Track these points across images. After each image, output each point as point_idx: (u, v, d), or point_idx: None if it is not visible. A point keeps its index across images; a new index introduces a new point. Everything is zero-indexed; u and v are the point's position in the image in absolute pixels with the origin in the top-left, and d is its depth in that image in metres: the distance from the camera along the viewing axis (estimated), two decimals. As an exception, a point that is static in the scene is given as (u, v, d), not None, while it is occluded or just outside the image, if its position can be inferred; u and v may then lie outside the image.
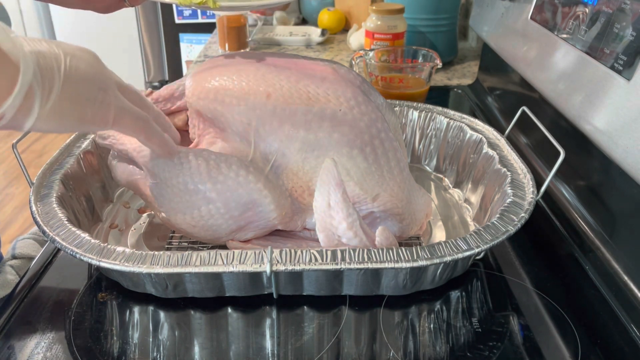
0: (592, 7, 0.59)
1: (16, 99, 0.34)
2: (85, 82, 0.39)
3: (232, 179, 0.50)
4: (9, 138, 2.76)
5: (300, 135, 0.52)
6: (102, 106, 0.40)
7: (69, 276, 0.55)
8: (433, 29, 1.16)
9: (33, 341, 0.46)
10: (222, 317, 0.50)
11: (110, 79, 0.42)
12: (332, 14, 1.44)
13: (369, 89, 0.56)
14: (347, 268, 0.45)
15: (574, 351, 0.45)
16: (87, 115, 0.40)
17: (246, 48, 1.28)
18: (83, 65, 0.39)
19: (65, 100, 0.37)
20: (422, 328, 0.48)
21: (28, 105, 0.35)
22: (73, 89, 0.38)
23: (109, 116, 0.41)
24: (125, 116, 0.43)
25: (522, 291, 0.52)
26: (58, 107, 0.37)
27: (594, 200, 0.59)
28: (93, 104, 0.40)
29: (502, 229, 0.49)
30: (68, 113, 0.38)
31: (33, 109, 0.35)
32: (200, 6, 0.55)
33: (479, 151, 0.65)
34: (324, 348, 0.46)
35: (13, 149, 0.55)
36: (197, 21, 2.23)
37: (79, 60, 0.39)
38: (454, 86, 1.08)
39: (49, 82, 0.36)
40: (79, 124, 0.40)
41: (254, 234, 0.54)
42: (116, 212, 0.64)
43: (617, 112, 0.51)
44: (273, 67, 0.54)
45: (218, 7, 0.55)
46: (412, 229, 0.57)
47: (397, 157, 0.55)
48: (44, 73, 0.36)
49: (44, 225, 0.49)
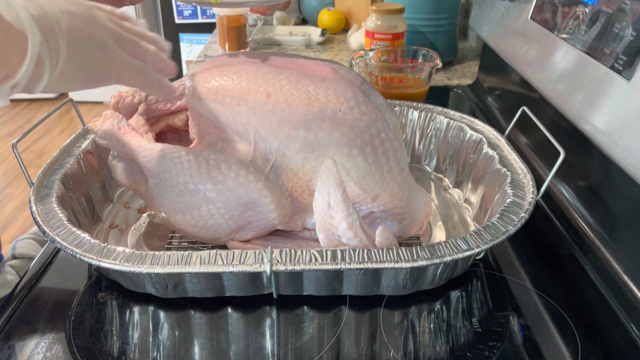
0: (592, 7, 0.59)
1: (27, 69, 0.34)
2: (87, 41, 0.39)
3: (232, 179, 0.50)
4: (9, 138, 2.76)
5: (300, 135, 0.52)
6: (105, 64, 0.41)
7: (69, 276, 0.55)
8: (433, 29, 1.16)
9: (33, 341, 0.46)
10: (222, 317, 0.50)
11: (107, 33, 0.41)
12: (332, 14, 1.44)
13: (369, 89, 0.56)
14: (347, 268, 0.45)
15: (574, 351, 0.45)
16: (92, 75, 0.40)
17: (246, 48, 1.28)
18: (81, 23, 0.39)
19: (71, 63, 0.38)
20: (422, 328, 0.48)
21: (38, 72, 0.35)
22: (76, 50, 0.38)
23: (112, 73, 0.42)
24: (126, 71, 0.43)
25: (522, 291, 0.52)
26: (65, 70, 0.37)
27: (594, 200, 0.59)
28: (97, 63, 0.40)
29: (502, 229, 0.49)
30: (75, 74, 0.39)
31: (43, 75, 0.36)
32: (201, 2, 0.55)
33: (479, 151, 0.65)
34: (324, 348, 0.46)
35: (13, 149, 0.55)
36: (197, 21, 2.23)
37: (77, 17, 0.39)
38: (454, 86, 1.08)
39: (54, 47, 0.36)
40: (85, 83, 0.40)
41: (254, 234, 0.54)
42: (116, 212, 0.64)
43: (617, 112, 0.51)
44: (273, 67, 0.54)
45: (219, 2, 0.55)
46: (412, 229, 0.57)
47: (397, 157, 0.55)
48: (49, 39, 0.35)
49: (44, 225, 0.49)
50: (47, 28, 0.36)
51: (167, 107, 0.61)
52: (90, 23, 0.40)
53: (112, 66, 0.41)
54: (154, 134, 0.57)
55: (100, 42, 0.40)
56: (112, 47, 0.41)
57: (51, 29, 0.36)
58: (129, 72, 0.43)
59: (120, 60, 0.42)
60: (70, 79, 0.39)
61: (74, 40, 0.38)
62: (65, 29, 0.37)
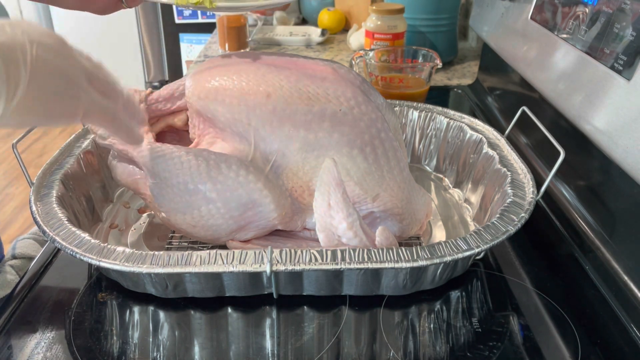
0: (592, 7, 0.59)
1: None
2: (53, 76, 0.37)
3: (232, 179, 0.50)
4: (9, 138, 2.76)
5: (300, 135, 0.52)
6: (71, 101, 0.38)
7: (69, 276, 0.55)
8: (433, 29, 1.15)
9: (33, 341, 0.46)
10: (222, 317, 0.50)
11: (79, 69, 0.39)
12: (332, 14, 1.44)
13: (369, 89, 0.56)
14: (347, 268, 0.45)
15: (574, 351, 0.45)
16: (54, 111, 0.38)
17: (246, 48, 1.28)
18: (51, 55, 0.37)
19: (32, 96, 0.35)
20: (422, 328, 0.48)
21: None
22: (40, 83, 0.35)
23: (78, 111, 0.39)
24: (94, 110, 0.41)
25: (522, 291, 0.52)
26: (24, 103, 0.35)
27: (594, 200, 0.59)
28: (61, 99, 0.38)
29: (502, 229, 0.49)
30: (34, 109, 0.36)
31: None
32: (197, 6, 0.55)
33: (479, 151, 0.65)
34: (324, 348, 0.46)
35: (13, 149, 0.55)
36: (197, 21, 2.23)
37: (46, 49, 0.36)
38: (454, 86, 1.08)
39: (14, 78, 0.34)
40: (45, 119, 0.38)
41: (254, 234, 0.54)
42: (116, 212, 0.64)
43: (617, 112, 0.51)
44: (273, 67, 0.54)
45: (215, 7, 0.55)
46: (412, 229, 0.57)
47: (397, 157, 0.55)
48: (9, 68, 0.33)
49: (44, 225, 0.49)
50: (9, 57, 0.33)
51: (167, 107, 0.61)
52: (61, 57, 0.38)
53: (78, 103, 0.39)
54: (154, 134, 0.57)
55: (69, 78, 0.38)
56: (81, 83, 0.39)
57: (14, 58, 0.34)
58: (97, 111, 0.41)
59: (89, 97, 0.40)
60: (29, 111, 0.36)
61: (40, 73, 0.35)
62: (32, 59, 0.35)
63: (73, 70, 0.39)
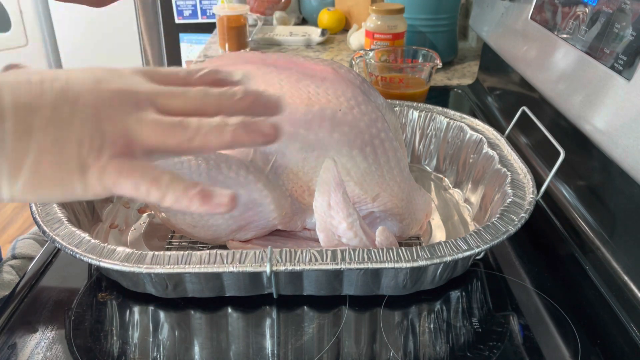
0: (592, 7, 0.59)
1: None
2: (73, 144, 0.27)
3: (232, 179, 0.50)
4: (9, 138, 2.75)
5: (301, 135, 0.52)
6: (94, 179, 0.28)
7: (69, 276, 0.55)
8: (433, 29, 1.15)
9: (33, 341, 0.46)
10: (222, 317, 0.50)
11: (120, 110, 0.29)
12: (332, 14, 1.44)
13: (369, 89, 0.56)
14: (347, 268, 0.45)
15: (574, 351, 0.45)
16: (74, 188, 0.28)
17: (246, 48, 1.28)
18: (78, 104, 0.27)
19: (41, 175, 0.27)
20: (422, 328, 0.48)
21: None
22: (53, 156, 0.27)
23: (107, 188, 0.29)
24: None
25: (522, 291, 0.52)
26: (31, 182, 0.27)
27: (594, 200, 0.59)
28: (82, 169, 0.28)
29: (502, 229, 0.49)
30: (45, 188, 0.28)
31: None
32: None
33: (479, 151, 0.65)
34: (324, 348, 0.46)
35: (13, 149, 0.55)
36: (197, 21, 2.23)
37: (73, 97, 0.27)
38: (454, 86, 1.08)
39: (20, 151, 0.26)
40: (61, 196, 0.28)
41: (254, 234, 0.54)
42: (116, 212, 0.64)
43: (617, 112, 0.51)
44: (273, 67, 0.54)
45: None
46: (412, 229, 0.57)
47: (397, 157, 0.55)
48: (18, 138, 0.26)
49: (44, 225, 0.49)
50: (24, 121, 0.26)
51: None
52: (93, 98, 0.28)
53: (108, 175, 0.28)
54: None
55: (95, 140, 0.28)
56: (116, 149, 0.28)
57: (27, 122, 0.26)
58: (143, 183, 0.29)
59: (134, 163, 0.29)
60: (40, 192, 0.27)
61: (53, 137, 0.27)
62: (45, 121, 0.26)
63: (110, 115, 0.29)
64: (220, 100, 0.32)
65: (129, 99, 0.29)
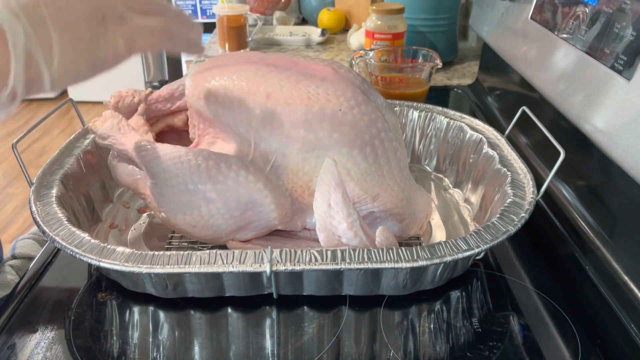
0: (592, 7, 0.59)
1: (17, 71, 0.30)
2: (84, 18, 0.33)
3: (232, 179, 0.50)
4: (9, 138, 2.76)
5: (301, 135, 0.52)
6: (110, 41, 0.35)
7: (69, 276, 0.55)
8: (433, 29, 1.15)
9: (33, 341, 0.46)
10: (222, 317, 0.50)
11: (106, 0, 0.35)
12: (332, 14, 1.44)
13: (369, 89, 0.56)
14: (347, 268, 0.45)
15: (574, 351, 0.45)
16: (98, 56, 0.35)
17: (246, 48, 1.28)
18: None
19: (70, 50, 0.32)
20: (422, 328, 0.48)
21: (34, 71, 0.31)
22: (73, 33, 0.33)
23: (121, 49, 0.36)
24: (142, 36, 0.37)
25: (522, 291, 0.52)
26: (63, 60, 0.32)
27: (594, 200, 0.59)
28: (98, 43, 0.34)
29: (502, 229, 0.49)
30: (77, 62, 0.34)
31: (41, 74, 0.31)
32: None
33: (479, 151, 0.65)
34: (324, 348, 0.46)
35: (13, 149, 0.55)
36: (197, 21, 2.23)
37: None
38: (454, 86, 1.08)
39: (44, 37, 0.31)
40: (93, 69, 0.35)
41: (254, 234, 0.54)
42: (116, 212, 0.64)
43: (617, 112, 0.51)
44: (273, 67, 0.54)
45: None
46: (412, 229, 0.57)
47: (397, 157, 0.55)
48: (36, 28, 0.31)
49: (44, 225, 0.49)
50: (34, 16, 0.31)
51: (167, 107, 0.61)
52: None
53: (118, 41, 0.35)
54: (153, 134, 0.57)
55: (98, 15, 0.34)
56: (114, 13, 0.35)
57: (39, 16, 0.31)
58: (145, 36, 0.37)
59: (131, 26, 0.36)
60: (74, 68, 0.33)
61: (68, 21, 0.32)
62: (57, 9, 0.32)
63: (100, 4, 0.35)
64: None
65: None
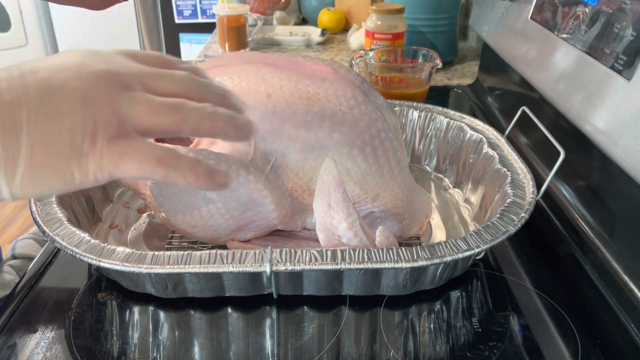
0: (592, 7, 0.59)
1: None
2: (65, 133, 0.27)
3: (232, 179, 0.50)
4: (9, 138, 2.75)
5: (301, 135, 0.52)
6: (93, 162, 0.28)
7: (69, 276, 0.55)
8: (433, 29, 1.15)
9: (33, 341, 0.46)
10: (222, 317, 0.50)
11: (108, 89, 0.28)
12: (332, 14, 1.44)
13: (369, 89, 0.56)
14: (347, 268, 0.45)
15: (574, 351, 0.45)
16: (74, 178, 0.28)
17: (246, 48, 1.28)
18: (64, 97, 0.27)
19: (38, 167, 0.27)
20: (422, 328, 0.48)
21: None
22: (47, 148, 0.27)
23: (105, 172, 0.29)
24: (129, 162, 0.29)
25: (522, 291, 0.52)
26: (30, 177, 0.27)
27: (594, 200, 0.59)
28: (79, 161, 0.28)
29: (502, 229, 0.49)
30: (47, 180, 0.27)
31: None
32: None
33: (479, 151, 0.65)
34: (324, 348, 0.46)
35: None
36: (197, 21, 2.23)
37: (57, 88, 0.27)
38: (454, 86, 1.08)
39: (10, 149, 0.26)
40: (65, 186, 0.28)
41: (254, 234, 0.54)
42: (116, 212, 0.64)
43: (617, 112, 0.51)
44: (273, 67, 0.54)
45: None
46: (412, 229, 0.57)
47: (397, 157, 0.55)
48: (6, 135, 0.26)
49: (44, 225, 0.49)
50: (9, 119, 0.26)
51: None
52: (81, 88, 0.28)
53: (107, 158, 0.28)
54: (154, 134, 0.57)
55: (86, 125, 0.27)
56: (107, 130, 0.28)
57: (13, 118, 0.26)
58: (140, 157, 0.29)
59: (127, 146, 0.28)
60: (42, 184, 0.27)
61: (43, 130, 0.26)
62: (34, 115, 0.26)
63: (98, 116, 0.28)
64: (205, 89, 0.33)
65: (116, 79, 0.29)
